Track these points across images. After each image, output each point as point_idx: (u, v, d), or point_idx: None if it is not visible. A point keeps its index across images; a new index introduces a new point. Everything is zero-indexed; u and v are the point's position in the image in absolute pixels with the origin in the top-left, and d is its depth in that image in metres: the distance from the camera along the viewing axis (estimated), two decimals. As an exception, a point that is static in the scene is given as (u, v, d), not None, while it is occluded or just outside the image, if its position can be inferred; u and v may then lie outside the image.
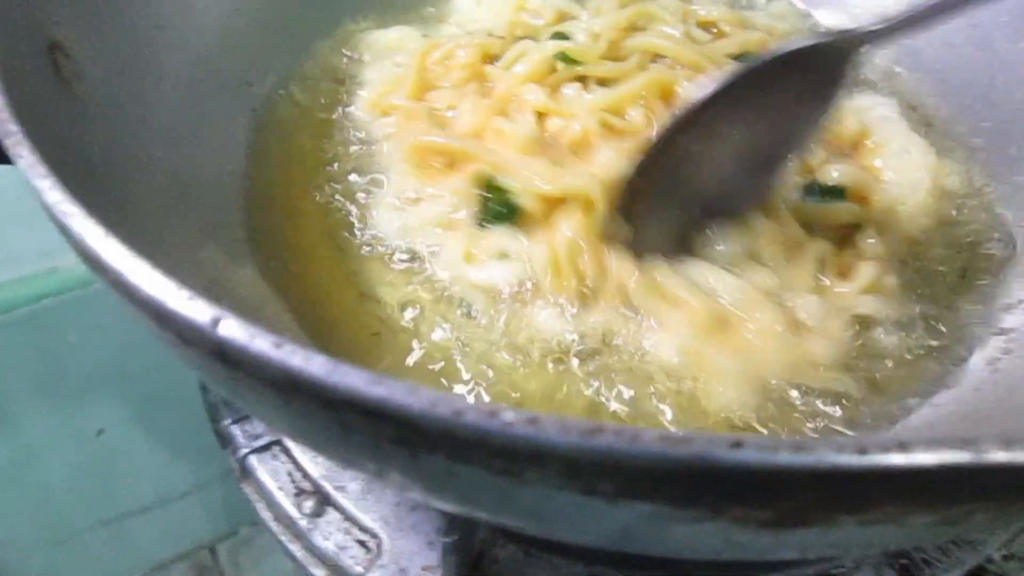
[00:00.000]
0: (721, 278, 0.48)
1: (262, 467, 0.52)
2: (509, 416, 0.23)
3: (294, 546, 0.50)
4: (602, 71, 0.57)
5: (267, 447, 0.53)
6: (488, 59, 0.60)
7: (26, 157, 0.30)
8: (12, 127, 0.33)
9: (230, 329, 0.25)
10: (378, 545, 0.48)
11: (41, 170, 0.29)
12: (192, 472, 1.05)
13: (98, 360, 0.91)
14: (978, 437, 0.23)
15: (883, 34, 0.46)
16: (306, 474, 0.52)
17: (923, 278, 0.54)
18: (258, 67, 0.61)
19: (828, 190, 0.55)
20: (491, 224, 0.50)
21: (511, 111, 0.55)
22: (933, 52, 0.67)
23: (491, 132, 0.53)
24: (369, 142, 0.58)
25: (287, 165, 0.57)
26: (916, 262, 0.54)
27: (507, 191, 0.49)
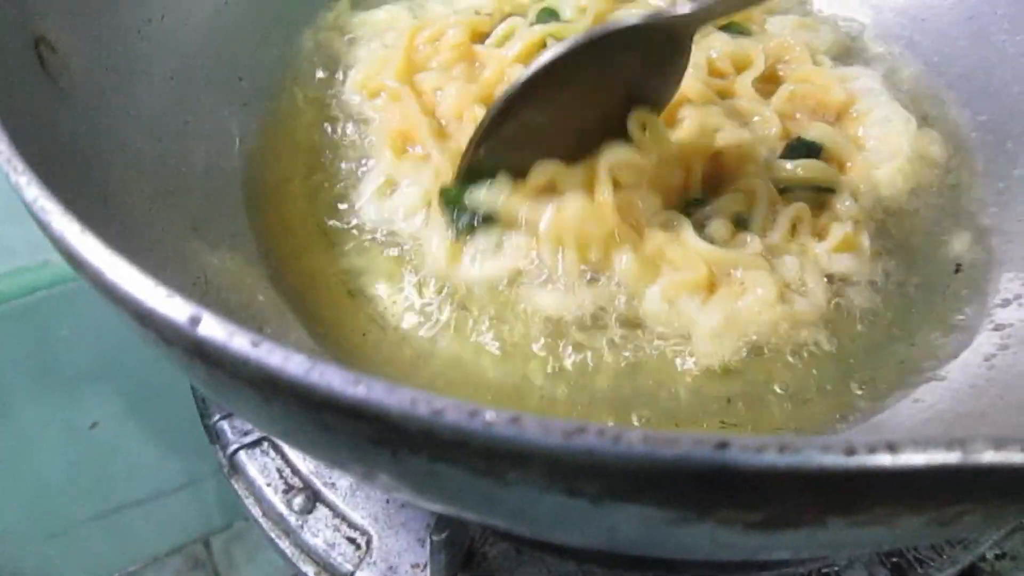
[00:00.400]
0: (709, 245, 0.50)
1: (251, 463, 0.52)
2: (490, 416, 0.22)
3: (283, 543, 0.50)
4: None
5: (256, 443, 0.53)
6: (477, 38, 0.60)
7: (3, 152, 0.29)
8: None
9: (209, 328, 0.24)
10: (367, 542, 0.48)
11: (18, 166, 0.29)
12: (186, 466, 1.04)
13: (91, 353, 0.90)
14: (968, 437, 0.22)
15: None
16: (295, 470, 0.51)
17: (902, 247, 0.54)
18: (249, 60, 0.60)
19: (807, 149, 0.56)
20: (467, 233, 0.50)
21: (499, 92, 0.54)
22: (930, 44, 0.67)
23: (469, 119, 0.52)
24: (359, 124, 0.57)
25: (279, 157, 0.57)
26: (895, 228, 0.55)
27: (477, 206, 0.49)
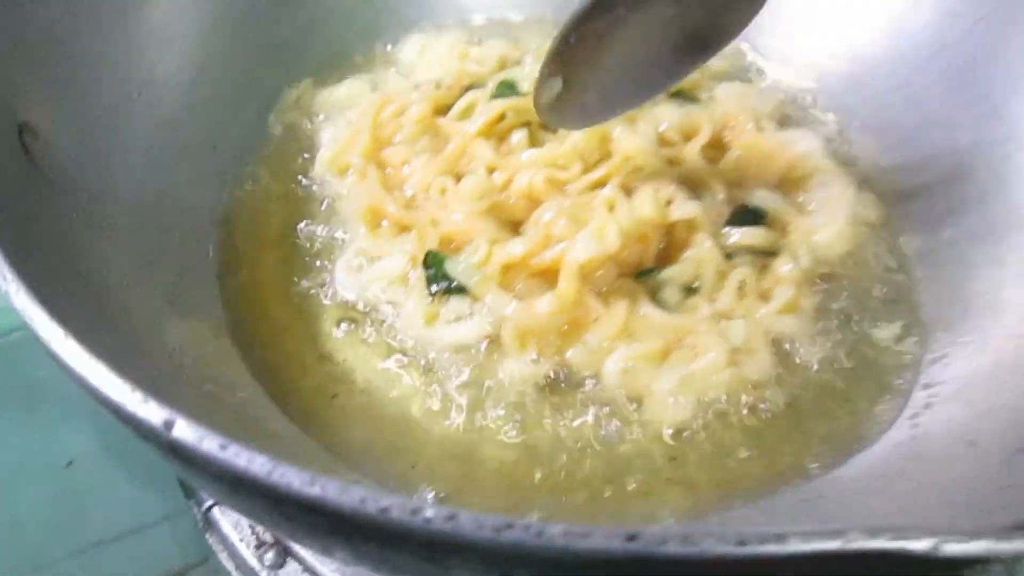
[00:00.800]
0: (665, 314, 0.53)
1: (224, 519, 0.55)
2: (429, 513, 0.26)
3: (256, 597, 0.53)
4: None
5: (230, 501, 0.55)
6: (439, 111, 0.63)
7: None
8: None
9: (181, 431, 0.27)
10: (335, 596, 0.51)
11: (7, 274, 0.32)
12: (161, 502, 1.06)
13: (67, 393, 0.92)
14: (845, 528, 0.26)
15: None
16: (267, 527, 0.54)
17: (841, 306, 0.58)
18: (222, 129, 0.64)
19: (752, 216, 0.60)
20: (444, 295, 0.53)
21: (462, 166, 0.58)
22: (869, 110, 0.70)
23: (437, 190, 0.56)
24: (330, 200, 0.61)
25: (252, 227, 0.60)
26: (834, 289, 0.59)
27: (454, 276, 0.53)
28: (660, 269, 0.56)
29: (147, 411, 0.28)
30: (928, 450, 0.48)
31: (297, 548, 0.53)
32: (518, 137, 0.60)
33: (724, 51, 0.72)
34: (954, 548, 0.26)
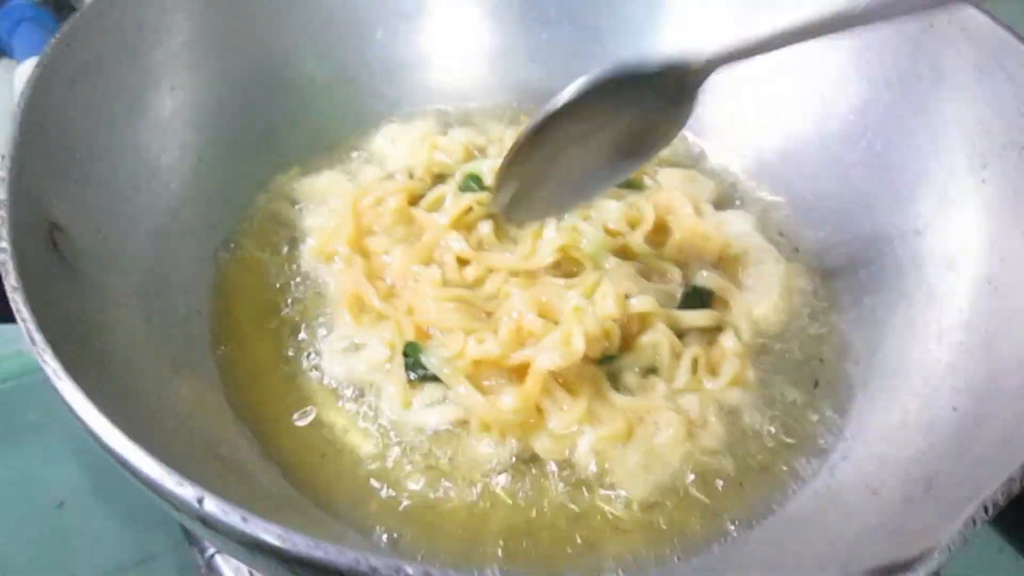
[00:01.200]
0: (626, 397, 0.60)
1: (227, 566, 0.61)
2: (409, 570, 0.33)
3: (257, 640, 0.59)
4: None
5: (230, 549, 0.61)
6: (413, 200, 0.71)
7: (51, 363, 0.39)
8: (27, 315, 0.43)
9: (210, 506, 0.34)
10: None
11: (59, 371, 0.39)
12: (147, 540, 1.11)
13: (59, 437, 0.98)
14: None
15: (722, 59, 0.54)
16: (266, 573, 0.60)
17: (778, 372, 0.65)
18: (220, 208, 0.71)
19: (700, 296, 0.67)
20: (420, 382, 0.60)
21: (436, 256, 0.66)
22: (802, 183, 0.78)
23: (413, 279, 0.63)
24: (318, 285, 0.68)
25: (247, 301, 0.67)
26: (772, 357, 0.66)
27: (428, 367, 0.60)
28: (621, 356, 0.62)
29: (183, 491, 0.35)
30: (842, 499, 0.56)
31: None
32: (485, 228, 0.67)
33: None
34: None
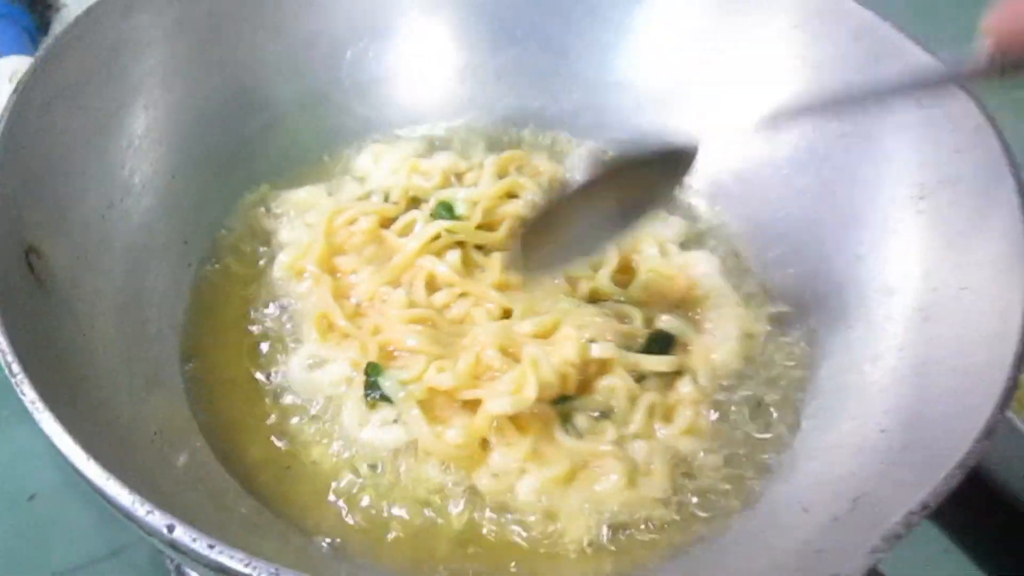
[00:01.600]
0: (573, 440, 0.62)
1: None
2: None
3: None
4: (477, 239, 0.72)
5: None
6: (386, 222, 0.73)
7: (28, 395, 0.41)
8: (5, 346, 0.45)
9: (179, 534, 0.37)
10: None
11: (36, 402, 0.41)
12: (120, 533, 1.13)
13: (29, 430, 0.99)
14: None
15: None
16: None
17: (731, 418, 0.67)
18: (194, 224, 0.73)
19: (663, 340, 0.69)
20: (376, 403, 0.62)
21: (405, 279, 0.69)
22: (754, 204, 0.80)
23: (380, 300, 0.66)
24: (287, 300, 0.70)
25: (217, 316, 0.69)
26: (727, 403, 0.68)
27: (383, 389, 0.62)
28: (576, 398, 0.64)
29: (154, 518, 0.38)
30: (779, 518, 0.59)
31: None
32: (453, 256, 0.70)
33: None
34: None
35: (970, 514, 0.75)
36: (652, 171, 0.59)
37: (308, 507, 0.59)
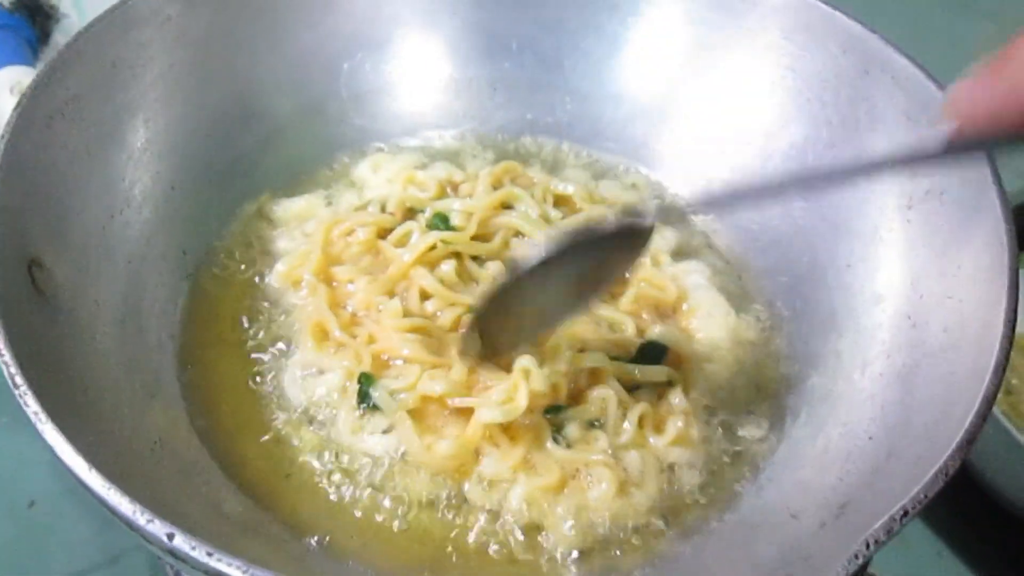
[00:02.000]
0: (564, 450, 0.62)
1: (193, 575, 0.65)
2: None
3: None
4: (472, 250, 0.73)
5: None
6: (383, 233, 0.74)
7: (32, 406, 0.42)
8: (9, 359, 0.46)
9: (178, 542, 0.38)
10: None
11: (40, 414, 0.42)
12: (118, 540, 1.14)
13: (28, 437, 1.00)
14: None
15: (672, 215, 0.62)
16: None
17: (721, 426, 0.68)
18: (192, 234, 0.74)
19: (655, 350, 0.70)
20: (369, 411, 0.64)
21: (400, 289, 0.70)
22: (746, 212, 0.82)
23: (376, 309, 0.67)
24: (284, 309, 0.71)
25: (214, 324, 0.70)
26: (717, 411, 0.69)
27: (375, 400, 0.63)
28: (568, 407, 0.64)
29: (154, 527, 0.39)
30: (767, 523, 0.60)
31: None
32: (447, 266, 0.71)
33: (629, 181, 0.86)
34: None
35: (963, 517, 0.76)
36: (607, 247, 0.59)
37: (305, 514, 0.60)
